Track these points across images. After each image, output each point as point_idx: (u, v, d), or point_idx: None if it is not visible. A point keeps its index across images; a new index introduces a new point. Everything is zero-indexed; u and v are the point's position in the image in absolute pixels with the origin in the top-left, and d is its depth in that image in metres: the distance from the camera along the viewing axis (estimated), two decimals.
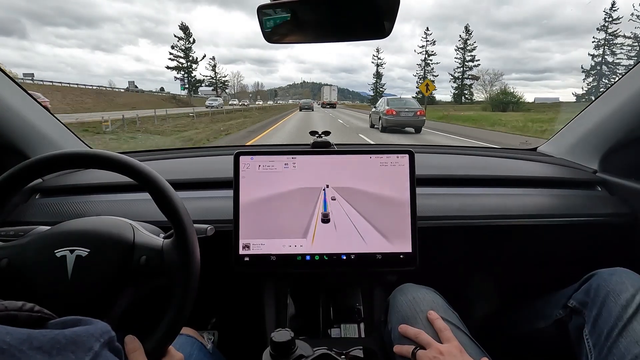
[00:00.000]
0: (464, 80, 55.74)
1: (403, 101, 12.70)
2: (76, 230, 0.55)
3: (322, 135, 0.98)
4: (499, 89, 46.65)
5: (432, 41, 60.55)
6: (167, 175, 0.58)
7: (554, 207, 0.95)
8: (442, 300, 0.74)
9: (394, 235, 0.80)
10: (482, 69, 57.87)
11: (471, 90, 55.28)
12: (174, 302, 0.52)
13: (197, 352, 0.68)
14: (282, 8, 0.66)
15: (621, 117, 0.96)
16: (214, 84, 61.22)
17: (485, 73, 54.57)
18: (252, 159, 0.81)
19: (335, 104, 51.63)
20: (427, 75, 60.73)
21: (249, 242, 0.80)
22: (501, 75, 55.06)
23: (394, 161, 0.81)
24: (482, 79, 53.98)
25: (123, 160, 0.54)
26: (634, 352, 0.56)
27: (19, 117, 0.91)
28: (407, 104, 12.26)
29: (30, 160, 0.53)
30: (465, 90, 55.63)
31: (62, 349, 0.28)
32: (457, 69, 57.27)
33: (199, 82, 54.69)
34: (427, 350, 0.61)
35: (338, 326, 0.90)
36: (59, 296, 0.51)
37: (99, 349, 0.31)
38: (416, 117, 11.63)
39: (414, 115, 11.59)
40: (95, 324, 0.32)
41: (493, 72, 55.52)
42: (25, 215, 0.87)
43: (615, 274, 0.68)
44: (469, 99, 54.19)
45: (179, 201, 0.55)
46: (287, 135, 11.44)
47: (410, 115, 11.56)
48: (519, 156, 1.23)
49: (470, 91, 55.35)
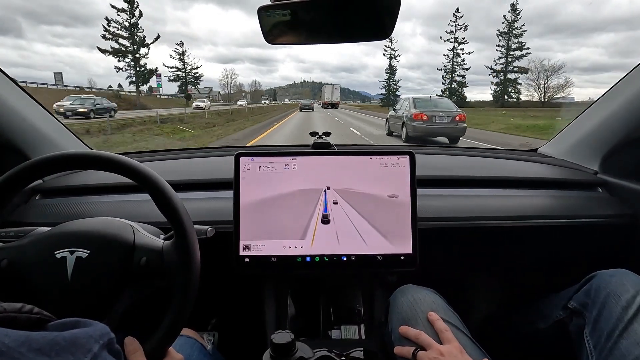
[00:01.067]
0: (508, 74, 42.40)
1: (434, 102, 9.55)
2: (76, 232, 0.55)
3: (322, 137, 0.98)
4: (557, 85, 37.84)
5: (464, 26, 45.50)
6: (167, 176, 0.58)
7: (555, 208, 0.94)
8: (442, 301, 0.74)
9: (394, 236, 0.80)
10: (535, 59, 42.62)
11: (517, 87, 42.36)
12: (174, 303, 0.52)
13: (197, 353, 0.68)
14: (283, 9, 0.66)
15: (622, 118, 0.96)
16: (182, 78, 45.67)
17: (538, 64, 39.70)
18: (253, 160, 0.81)
19: (338, 104, 46.49)
20: (457, 69, 46.54)
21: (249, 243, 0.80)
22: (560, 67, 39.09)
23: (395, 162, 0.81)
24: (533, 71, 39.90)
25: (123, 161, 0.54)
26: (635, 353, 0.56)
27: (19, 117, 0.91)
28: (441, 106, 9.14)
29: (30, 161, 0.53)
30: (509, 86, 42.46)
31: (61, 350, 0.28)
32: (499, 60, 42.99)
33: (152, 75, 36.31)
34: (427, 351, 0.61)
35: (338, 327, 0.90)
36: (58, 297, 0.51)
37: (98, 351, 0.31)
38: (454, 124, 8.51)
39: (452, 122, 8.50)
40: (94, 326, 0.32)
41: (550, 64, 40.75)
42: (26, 216, 0.87)
43: (616, 275, 0.68)
44: (515, 98, 42.23)
45: (179, 202, 0.55)
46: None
47: (446, 122, 8.50)
48: (520, 157, 1.23)
49: (517, 88, 42.40)
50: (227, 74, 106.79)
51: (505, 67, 42.63)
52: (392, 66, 56.37)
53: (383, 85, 57.45)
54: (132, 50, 34.73)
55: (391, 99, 52.98)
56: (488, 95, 50.90)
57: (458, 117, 8.55)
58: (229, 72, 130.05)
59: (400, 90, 55.80)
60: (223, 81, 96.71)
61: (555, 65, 39.60)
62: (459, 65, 46.54)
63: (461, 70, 46.57)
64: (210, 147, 1.52)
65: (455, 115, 8.55)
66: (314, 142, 0.96)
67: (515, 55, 42.16)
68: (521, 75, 41.85)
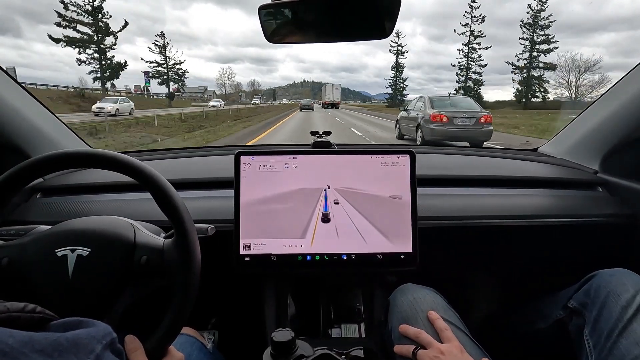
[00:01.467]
0: (531, 71, 37.20)
1: (453, 101, 8.37)
2: (77, 230, 0.55)
3: (322, 135, 0.98)
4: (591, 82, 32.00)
5: (481, 17, 40.34)
6: (167, 175, 0.58)
7: (555, 207, 0.94)
8: (442, 300, 0.74)
9: (394, 235, 0.80)
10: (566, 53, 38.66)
11: (543, 85, 37.30)
12: (175, 302, 0.52)
13: (197, 352, 0.68)
14: (283, 8, 0.66)
15: (622, 117, 0.96)
16: (162, 74, 38.74)
17: (569, 59, 33.67)
18: (253, 159, 0.81)
19: (339, 104, 44.64)
20: (472, 65, 41.71)
21: (250, 242, 0.80)
22: (596, 63, 32.94)
23: (395, 161, 0.81)
24: (563, 67, 33.80)
25: (124, 159, 0.54)
26: (635, 353, 0.56)
27: (20, 116, 0.91)
28: (462, 105, 7.88)
29: (31, 160, 0.53)
30: (533, 85, 37.23)
31: (64, 351, 0.28)
32: (522, 55, 37.43)
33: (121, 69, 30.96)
34: (427, 350, 0.61)
35: (338, 326, 0.90)
36: (59, 296, 0.52)
37: (101, 351, 0.31)
38: (479, 127, 7.28)
39: (476, 124, 7.28)
40: (97, 326, 0.33)
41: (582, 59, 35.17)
42: (26, 214, 0.87)
43: (616, 274, 0.68)
44: (541, 97, 37.26)
45: (180, 201, 0.55)
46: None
47: (469, 124, 7.25)
48: (520, 156, 1.23)
49: (543, 87, 37.34)
50: (224, 72, 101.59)
51: (530, 62, 37.51)
52: (399, 63, 51.19)
53: (389, 84, 52.30)
54: (95, 40, 29.19)
55: (397, 98, 50.12)
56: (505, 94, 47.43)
57: (483, 118, 7.30)
58: (226, 71, 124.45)
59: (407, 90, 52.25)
60: (220, 80, 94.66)
61: (589, 60, 33.53)
62: (475, 62, 41.73)
63: (477, 67, 41.91)
64: (210, 146, 1.52)
65: (480, 117, 7.27)
66: (314, 141, 0.96)
67: (541, 49, 37.04)
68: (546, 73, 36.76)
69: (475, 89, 42.17)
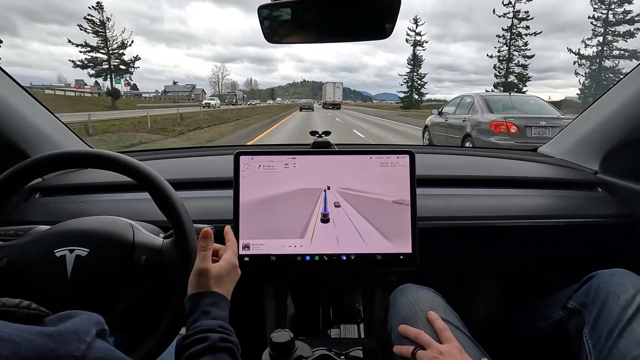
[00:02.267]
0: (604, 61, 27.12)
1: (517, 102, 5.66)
2: (76, 230, 0.55)
3: (322, 136, 0.98)
4: None
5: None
6: (166, 175, 0.58)
7: (554, 207, 0.94)
8: (442, 300, 0.74)
9: (394, 235, 0.80)
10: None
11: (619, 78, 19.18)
12: (174, 301, 0.52)
13: None
14: (283, 8, 0.66)
15: (622, 118, 0.96)
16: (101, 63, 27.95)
17: None
18: (252, 159, 0.81)
19: (340, 104, 41.19)
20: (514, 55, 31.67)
21: (249, 242, 0.80)
22: None
23: (395, 161, 0.81)
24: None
25: (123, 159, 0.54)
26: (634, 353, 0.56)
27: (19, 116, 0.91)
28: (531, 109, 5.39)
29: (30, 160, 0.53)
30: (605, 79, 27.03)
31: (59, 336, 0.29)
32: (590, 40, 27.28)
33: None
34: (427, 350, 0.61)
35: (338, 326, 0.90)
36: (58, 296, 0.52)
37: (95, 336, 0.32)
38: None
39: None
40: (88, 314, 0.33)
41: None
42: (25, 214, 0.87)
43: (616, 275, 0.68)
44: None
45: (179, 201, 0.55)
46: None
47: (549, 136, 4.49)
48: (520, 157, 1.23)
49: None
50: (217, 70, 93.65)
51: (601, 50, 27.29)
52: (416, 56, 39.58)
53: (403, 81, 41.65)
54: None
55: (414, 98, 40.93)
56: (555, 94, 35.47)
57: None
58: (220, 69, 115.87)
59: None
60: (213, 79, 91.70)
61: None
62: (520, 52, 31.26)
63: (521, 58, 31.47)
64: (210, 146, 1.52)
65: (564, 124, 3.62)
66: (314, 141, 0.96)
67: (617, 31, 26.47)
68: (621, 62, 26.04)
69: (521, 86, 32.36)
